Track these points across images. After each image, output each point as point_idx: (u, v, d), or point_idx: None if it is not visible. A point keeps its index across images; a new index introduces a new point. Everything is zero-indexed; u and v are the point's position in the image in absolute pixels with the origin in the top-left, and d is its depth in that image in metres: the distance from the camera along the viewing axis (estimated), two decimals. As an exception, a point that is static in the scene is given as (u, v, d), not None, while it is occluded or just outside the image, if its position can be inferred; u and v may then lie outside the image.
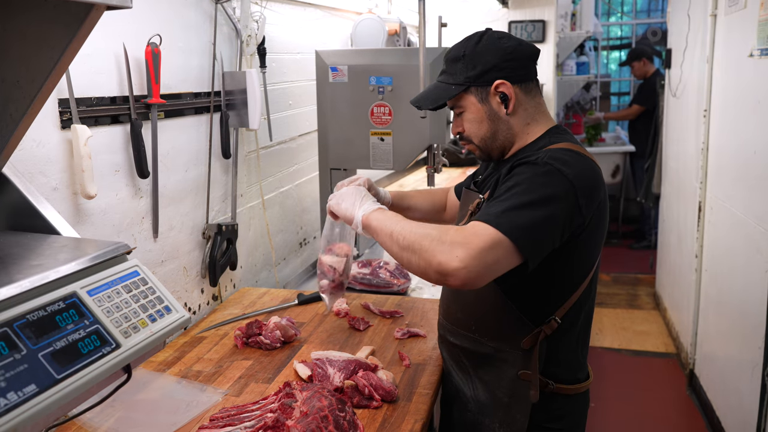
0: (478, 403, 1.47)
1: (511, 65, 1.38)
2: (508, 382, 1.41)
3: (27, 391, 0.75)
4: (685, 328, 3.72)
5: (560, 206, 1.24)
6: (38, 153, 1.37)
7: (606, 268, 5.55)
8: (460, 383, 1.52)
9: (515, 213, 1.21)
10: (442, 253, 1.18)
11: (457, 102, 1.44)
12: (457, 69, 1.42)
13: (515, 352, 1.39)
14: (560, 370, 1.43)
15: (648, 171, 5.20)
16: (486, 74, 1.38)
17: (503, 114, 1.41)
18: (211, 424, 1.30)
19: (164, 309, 0.99)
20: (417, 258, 1.23)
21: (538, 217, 1.22)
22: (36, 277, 0.86)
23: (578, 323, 1.44)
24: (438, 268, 1.19)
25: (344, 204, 1.46)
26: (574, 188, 1.25)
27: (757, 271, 2.50)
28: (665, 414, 3.35)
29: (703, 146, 3.34)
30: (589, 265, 1.38)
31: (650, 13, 8.23)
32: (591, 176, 1.30)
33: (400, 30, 3.25)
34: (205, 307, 2.06)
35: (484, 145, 1.45)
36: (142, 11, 1.68)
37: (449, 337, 1.53)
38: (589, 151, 1.42)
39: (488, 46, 1.39)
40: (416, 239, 1.23)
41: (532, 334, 1.37)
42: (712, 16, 3.23)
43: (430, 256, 1.20)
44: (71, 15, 0.90)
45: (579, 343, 1.47)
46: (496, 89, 1.39)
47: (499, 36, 1.41)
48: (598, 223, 1.33)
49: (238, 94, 2.08)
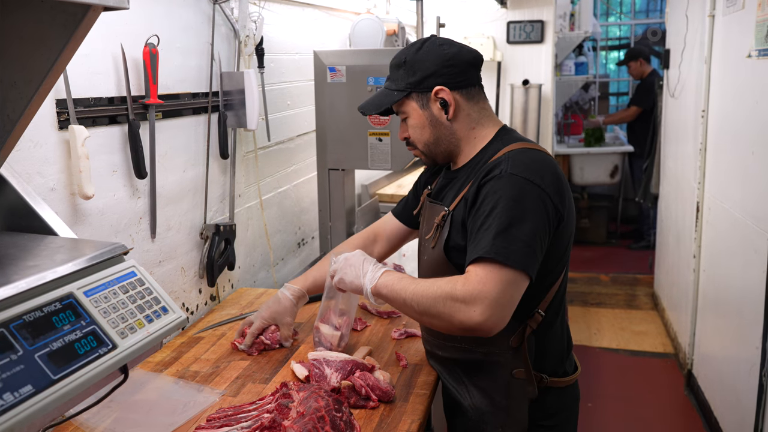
0: (477, 410, 1.47)
1: (450, 71, 1.40)
2: (503, 383, 1.42)
3: (23, 392, 0.75)
4: (683, 328, 3.73)
5: (540, 214, 1.27)
6: (36, 153, 1.37)
7: (604, 268, 5.56)
8: (457, 394, 1.52)
9: (506, 239, 1.23)
10: (459, 311, 1.22)
11: (400, 108, 1.47)
12: (399, 75, 1.44)
13: (505, 353, 1.40)
14: (551, 363, 1.45)
15: (646, 171, 5.20)
16: (425, 80, 1.40)
17: (444, 120, 1.42)
18: (207, 424, 1.30)
19: (161, 310, 0.99)
20: (438, 321, 1.28)
21: (527, 233, 1.25)
22: (32, 278, 0.86)
23: (560, 312, 1.46)
24: (461, 326, 1.24)
25: (348, 278, 1.45)
26: (545, 192, 1.29)
27: (755, 271, 2.50)
28: (663, 414, 3.36)
29: (701, 146, 3.35)
30: (566, 253, 1.41)
31: (649, 14, 8.24)
32: (553, 173, 1.33)
33: (399, 30, 3.25)
34: (203, 308, 2.06)
35: (428, 150, 1.48)
36: (139, 12, 1.68)
37: (437, 351, 1.54)
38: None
39: (429, 53, 1.41)
40: (431, 304, 1.27)
41: (518, 331, 1.38)
42: (710, 16, 3.23)
43: (449, 318, 1.24)
44: (68, 16, 0.91)
45: (564, 334, 1.49)
46: (436, 95, 1.41)
47: (441, 42, 1.42)
48: (569, 212, 1.37)
49: (236, 95, 2.08)
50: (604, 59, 8.31)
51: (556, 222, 1.32)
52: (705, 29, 3.29)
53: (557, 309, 1.44)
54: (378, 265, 1.43)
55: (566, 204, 1.34)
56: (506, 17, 4.93)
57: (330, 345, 1.66)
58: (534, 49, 4.94)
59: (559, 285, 1.42)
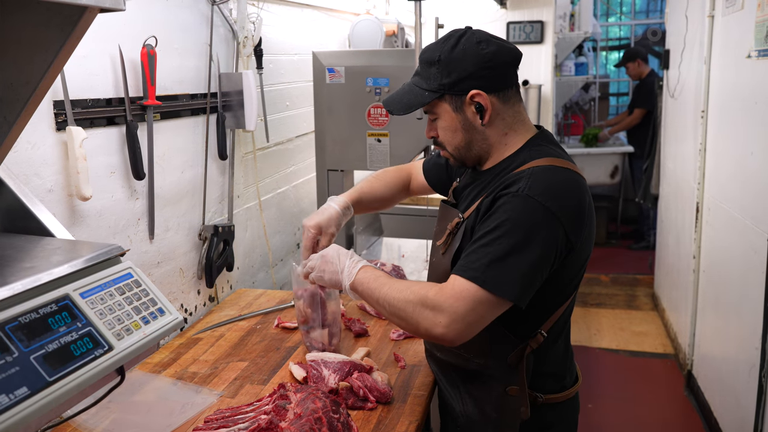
0: (467, 418, 1.45)
1: (488, 74, 1.29)
2: (496, 397, 1.38)
3: (18, 394, 0.75)
4: (683, 328, 3.72)
5: (547, 244, 1.21)
6: (33, 155, 1.37)
7: (605, 269, 5.55)
8: (450, 399, 1.50)
9: (500, 266, 1.18)
10: (426, 319, 1.22)
11: (431, 108, 1.36)
12: (431, 74, 1.32)
13: (502, 368, 1.36)
14: (548, 381, 1.40)
15: (646, 172, 5.20)
16: (461, 83, 1.29)
17: (478, 124, 1.32)
18: (205, 425, 1.30)
19: (157, 311, 0.99)
20: (405, 324, 1.28)
21: (525, 263, 1.19)
22: (28, 280, 0.86)
23: (563, 333, 1.42)
24: (425, 333, 1.24)
25: (326, 276, 1.42)
26: (560, 222, 1.21)
27: (754, 271, 2.50)
28: (663, 415, 3.35)
29: (700, 147, 3.35)
30: (576, 277, 1.35)
31: (649, 14, 8.24)
32: (575, 198, 1.26)
33: (398, 31, 3.26)
34: (202, 309, 2.06)
35: (458, 154, 1.39)
36: (137, 13, 1.68)
37: (436, 352, 1.50)
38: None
39: (465, 52, 1.29)
40: (400, 306, 1.26)
41: (518, 349, 1.33)
42: (710, 17, 3.23)
43: (415, 323, 1.24)
44: (64, 17, 0.91)
45: (566, 351, 1.45)
46: (472, 99, 1.30)
47: (479, 40, 1.30)
48: (586, 240, 1.31)
49: (235, 96, 2.08)
50: (605, 60, 8.31)
51: (565, 251, 1.25)
52: (704, 29, 3.29)
53: (560, 330, 1.39)
54: (355, 258, 1.39)
55: (582, 233, 1.27)
56: (506, 18, 4.94)
57: (322, 345, 1.65)
58: (534, 49, 4.94)
59: (566, 307, 1.36)
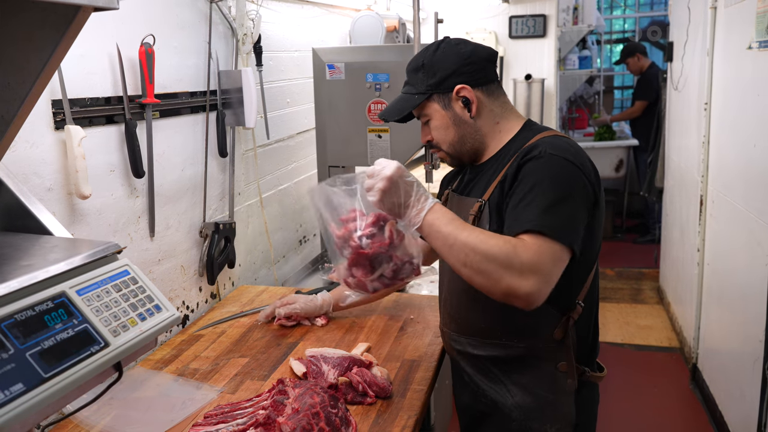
0: (521, 409, 1.43)
1: (469, 69, 1.40)
2: (548, 377, 1.40)
3: (14, 390, 0.76)
4: (688, 322, 3.71)
5: (581, 193, 1.28)
6: (32, 154, 1.38)
7: (610, 263, 5.54)
8: (495, 394, 1.47)
9: (553, 214, 1.22)
10: (510, 277, 1.17)
11: (422, 111, 1.45)
12: (418, 79, 1.43)
13: (549, 346, 1.39)
14: (590, 355, 1.46)
15: (651, 165, 5.17)
16: (446, 80, 1.40)
17: (468, 118, 1.42)
18: (204, 421, 1.31)
19: (154, 308, 1.00)
20: (481, 279, 1.21)
21: (571, 209, 1.25)
22: (25, 277, 0.87)
23: (594, 304, 1.46)
24: (505, 291, 1.18)
25: (395, 198, 1.27)
26: (582, 171, 1.29)
27: (758, 264, 2.48)
28: (668, 408, 3.35)
29: (704, 139, 3.33)
30: (598, 238, 1.40)
31: (653, 6, 8.19)
32: (586, 156, 1.35)
33: (399, 26, 3.25)
34: (204, 305, 2.07)
35: (453, 150, 1.46)
36: (135, 11, 1.68)
37: (471, 350, 1.48)
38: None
39: (446, 53, 1.41)
40: (480, 260, 1.19)
41: (561, 323, 1.37)
42: (712, 8, 3.21)
43: (497, 280, 1.18)
44: (59, 17, 0.91)
45: (597, 326, 1.50)
46: (458, 94, 1.40)
47: (456, 42, 1.43)
48: (603, 197, 1.37)
49: (234, 93, 2.08)
50: (609, 53, 8.27)
51: (592, 204, 1.32)
52: (707, 21, 3.27)
53: (594, 300, 1.45)
54: (421, 189, 1.30)
55: (601, 188, 1.35)
56: (508, 12, 4.92)
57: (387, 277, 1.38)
58: (536, 43, 4.92)
59: (593, 275, 1.42)
